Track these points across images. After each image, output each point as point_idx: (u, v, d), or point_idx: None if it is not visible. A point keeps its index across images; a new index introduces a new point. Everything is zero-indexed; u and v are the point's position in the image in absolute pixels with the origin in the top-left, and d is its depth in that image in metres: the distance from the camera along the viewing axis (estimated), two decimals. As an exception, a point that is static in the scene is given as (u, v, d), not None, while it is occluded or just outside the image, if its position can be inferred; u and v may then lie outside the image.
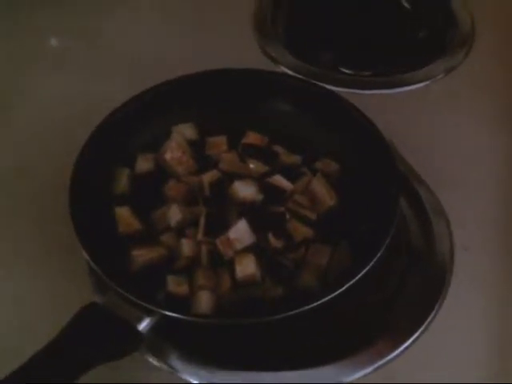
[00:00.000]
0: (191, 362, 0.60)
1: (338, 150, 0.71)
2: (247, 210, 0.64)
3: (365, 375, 0.61)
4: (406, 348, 0.62)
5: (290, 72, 0.88)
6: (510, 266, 0.67)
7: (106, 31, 0.96)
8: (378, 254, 0.59)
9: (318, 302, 0.57)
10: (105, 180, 0.68)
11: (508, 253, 0.68)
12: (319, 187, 0.67)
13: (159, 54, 0.90)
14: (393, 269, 0.67)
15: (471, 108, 0.83)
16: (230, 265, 0.61)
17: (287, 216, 0.64)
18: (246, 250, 0.62)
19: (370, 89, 0.87)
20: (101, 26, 0.96)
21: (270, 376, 0.61)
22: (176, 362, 0.60)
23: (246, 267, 0.60)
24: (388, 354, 0.62)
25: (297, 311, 0.56)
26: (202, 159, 0.71)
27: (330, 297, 0.57)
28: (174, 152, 0.70)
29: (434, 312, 0.64)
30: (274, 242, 0.62)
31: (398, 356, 0.62)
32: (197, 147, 0.72)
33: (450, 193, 0.73)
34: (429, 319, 0.64)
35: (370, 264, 0.58)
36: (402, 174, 0.73)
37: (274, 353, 0.62)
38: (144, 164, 0.70)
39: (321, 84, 0.79)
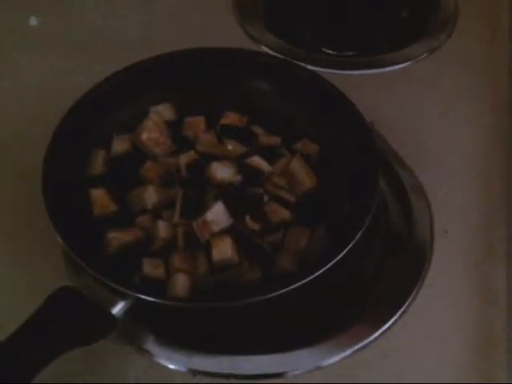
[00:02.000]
0: (167, 346, 0.60)
1: (318, 131, 0.70)
2: (224, 191, 0.63)
3: (342, 358, 0.60)
4: (385, 331, 0.62)
5: (271, 52, 0.86)
6: (489, 249, 0.67)
7: (84, 9, 0.94)
8: (357, 237, 0.58)
9: (295, 285, 0.56)
10: (80, 161, 0.67)
11: (487, 236, 0.68)
12: (298, 169, 0.66)
13: (139, 33, 0.89)
14: (372, 251, 0.66)
15: (454, 89, 0.82)
16: (207, 247, 0.60)
17: (265, 198, 0.63)
18: (223, 232, 0.61)
19: (353, 69, 0.86)
20: (78, 4, 0.94)
21: (247, 360, 0.60)
22: (151, 347, 0.60)
23: (223, 250, 0.59)
24: (366, 337, 0.61)
25: (273, 294, 0.55)
26: (180, 140, 0.70)
27: (307, 279, 0.56)
28: (151, 132, 0.68)
29: (412, 295, 0.64)
30: (252, 224, 0.61)
31: (376, 339, 0.61)
32: (175, 127, 0.71)
33: (431, 175, 0.72)
34: (407, 302, 0.63)
35: (349, 246, 0.57)
36: (383, 155, 0.72)
37: (252, 336, 0.61)
38: (120, 145, 0.69)
39: (302, 64, 0.78)
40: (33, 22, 0.94)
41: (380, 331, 0.62)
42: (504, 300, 0.63)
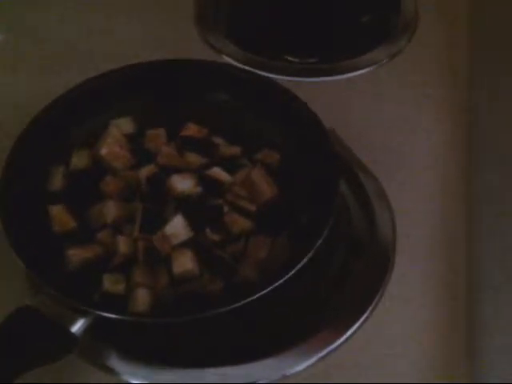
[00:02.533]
0: (130, 361, 0.59)
1: (279, 140, 0.70)
2: (184, 204, 0.63)
3: (308, 366, 0.60)
4: (350, 337, 0.62)
5: (233, 62, 0.86)
6: (450, 252, 0.67)
7: (45, 25, 0.93)
8: (317, 244, 0.58)
9: (257, 295, 0.56)
10: (39, 177, 0.67)
11: (449, 239, 0.68)
12: (259, 178, 0.66)
13: (99, 47, 0.88)
14: (334, 257, 0.66)
15: (414, 93, 0.83)
16: (167, 261, 0.60)
17: (225, 208, 0.63)
18: (183, 245, 0.60)
19: (315, 76, 0.86)
20: (39, 20, 0.94)
21: (213, 372, 0.60)
22: (115, 363, 0.59)
23: (183, 263, 0.59)
24: (331, 343, 0.61)
25: (236, 305, 0.55)
26: (141, 153, 0.69)
27: (268, 289, 0.56)
28: (111, 147, 0.68)
29: (376, 299, 0.64)
30: (212, 235, 0.61)
31: (341, 345, 0.61)
32: (136, 141, 0.71)
33: (393, 180, 0.72)
34: (371, 307, 0.63)
35: (309, 255, 0.57)
36: (344, 162, 0.72)
37: (216, 348, 0.61)
38: (80, 160, 0.69)
39: (264, 73, 0.79)
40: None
41: (345, 336, 0.62)
42: (464, 300, 0.63)
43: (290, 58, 0.90)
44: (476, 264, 0.65)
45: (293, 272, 0.57)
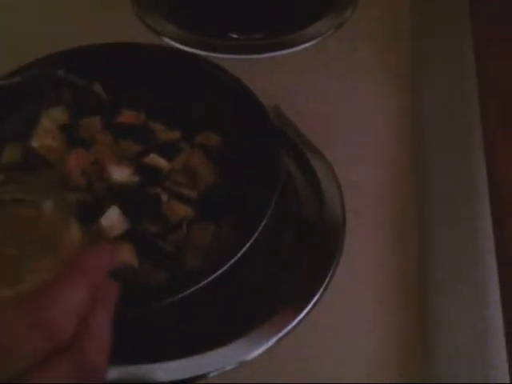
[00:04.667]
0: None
1: (218, 122, 0.67)
2: (120, 194, 0.60)
3: (263, 352, 0.58)
4: (302, 320, 0.60)
5: (173, 43, 0.84)
6: (401, 228, 0.65)
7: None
8: (261, 225, 0.56)
9: (202, 283, 0.53)
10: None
11: (399, 215, 0.66)
12: (198, 163, 0.63)
13: (32, 33, 0.85)
14: (283, 237, 0.64)
15: (361, 65, 0.81)
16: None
17: (164, 197, 0.60)
18: (121, 237, 0.58)
19: (259, 53, 0.84)
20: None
21: (165, 366, 0.57)
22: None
23: (122, 255, 0.57)
24: (283, 327, 0.59)
25: (180, 295, 0.53)
26: (76, 143, 0.66)
27: (213, 276, 0.54)
28: (43, 138, 0.65)
29: (327, 280, 0.62)
30: (150, 225, 0.59)
31: (293, 328, 0.59)
32: (70, 131, 0.68)
33: (341, 155, 0.70)
34: (323, 286, 0.61)
35: (253, 237, 0.55)
36: (290, 139, 0.70)
37: (167, 341, 0.59)
38: (12, 154, 0.65)
39: (206, 53, 0.77)
40: None
41: (297, 319, 0.60)
42: (416, 278, 0.62)
43: (233, 36, 0.87)
44: (427, 237, 0.64)
45: (238, 257, 0.54)
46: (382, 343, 0.58)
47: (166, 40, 0.84)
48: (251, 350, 0.58)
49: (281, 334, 0.59)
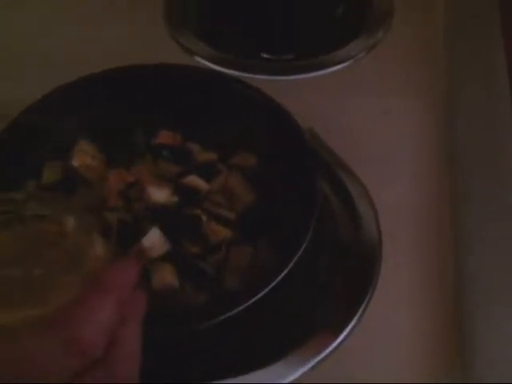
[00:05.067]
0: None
1: (254, 142, 0.68)
2: (160, 215, 0.61)
3: (301, 374, 0.58)
4: (339, 344, 0.60)
5: (205, 62, 0.84)
6: (437, 250, 0.65)
7: (13, 31, 0.90)
8: (301, 249, 0.56)
9: (243, 306, 0.54)
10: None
11: (435, 237, 0.66)
12: (236, 184, 0.64)
13: (67, 53, 0.86)
14: (320, 260, 0.65)
15: (393, 87, 0.81)
16: (146, 275, 0.58)
17: (203, 218, 0.61)
18: (162, 258, 0.58)
19: (291, 74, 0.84)
20: (6, 26, 0.91)
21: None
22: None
23: (163, 276, 0.57)
24: (322, 350, 0.60)
25: (220, 317, 0.53)
26: (114, 163, 0.67)
27: (254, 299, 0.54)
28: (83, 158, 0.66)
29: (365, 303, 0.62)
30: (191, 247, 0.59)
31: (331, 353, 0.59)
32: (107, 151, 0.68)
33: (375, 178, 0.70)
34: (361, 310, 0.62)
35: (293, 260, 0.55)
36: (325, 161, 0.70)
37: (204, 363, 0.59)
38: (51, 173, 0.66)
39: (237, 73, 0.77)
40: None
41: (335, 344, 0.60)
42: (453, 299, 0.62)
43: (264, 56, 0.88)
44: (464, 261, 0.64)
45: (277, 280, 0.54)
46: (422, 368, 0.58)
47: (199, 59, 0.85)
48: (288, 374, 0.59)
49: (318, 358, 0.59)
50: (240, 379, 0.58)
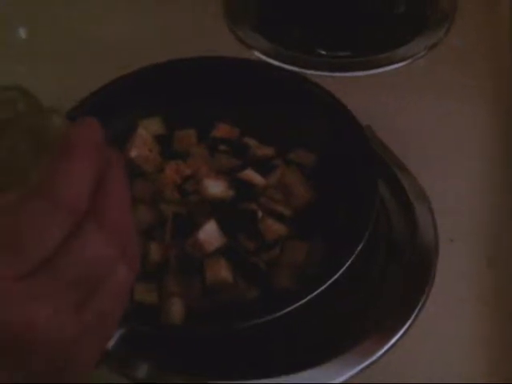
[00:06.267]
0: (163, 374, 0.57)
1: (312, 139, 0.67)
2: (217, 208, 0.60)
3: (352, 376, 0.57)
4: (392, 346, 0.59)
5: (263, 57, 0.84)
6: (495, 256, 0.64)
7: (72, 20, 0.91)
8: (358, 249, 0.55)
9: (296, 304, 0.53)
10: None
11: (493, 242, 0.65)
12: (293, 180, 0.63)
13: (127, 43, 0.86)
14: (375, 262, 0.63)
15: (454, 87, 0.79)
16: (200, 269, 0.58)
17: (259, 213, 0.60)
18: (217, 251, 0.58)
19: (348, 71, 0.83)
20: (65, 14, 0.92)
21: (250, 385, 0.57)
22: (146, 376, 0.57)
23: (217, 271, 0.57)
24: (374, 353, 0.58)
25: (275, 315, 0.53)
26: (171, 155, 0.67)
27: (307, 298, 0.53)
28: (140, 149, 0.66)
29: (419, 306, 0.61)
30: (246, 242, 0.59)
31: (384, 354, 0.58)
32: (164, 142, 0.68)
33: (433, 179, 0.69)
34: (414, 314, 0.60)
35: (350, 260, 0.55)
36: (382, 160, 0.69)
37: (251, 360, 0.58)
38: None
39: (295, 68, 0.76)
40: (20, 34, 0.92)
41: (388, 346, 0.59)
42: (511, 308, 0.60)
43: (321, 52, 0.87)
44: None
45: (333, 279, 0.54)
46: (474, 373, 0.57)
47: (257, 54, 0.85)
48: (339, 375, 0.57)
49: (370, 360, 0.58)
50: (290, 378, 0.57)
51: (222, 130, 0.68)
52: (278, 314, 0.52)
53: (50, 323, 0.30)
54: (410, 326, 0.60)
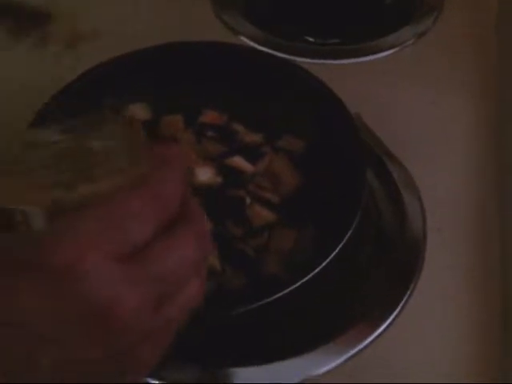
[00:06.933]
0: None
1: (301, 126, 0.67)
2: (204, 195, 0.60)
3: (338, 365, 0.57)
4: (378, 336, 0.58)
5: (250, 43, 0.83)
6: (483, 245, 0.64)
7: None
8: (346, 236, 0.55)
9: (284, 291, 0.52)
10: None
11: (481, 232, 0.65)
12: (282, 167, 0.63)
13: (113, 29, 0.85)
14: (362, 250, 0.63)
15: (442, 75, 0.79)
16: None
17: (247, 200, 0.60)
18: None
19: (337, 58, 0.83)
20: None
21: (236, 373, 0.57)
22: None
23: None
24: (360, 342, 0.58)
25: (262, 302, 0.52)
26: (157, 140, 0.66)
27: (296, 285, 0.53)
28: (127, 134, 0.65)
29: (406, 295, 0.60)
30: (233, 228, 0.58)
31: (370, 344, 0.58)
32: (151, 128, 0.67)
33: (422, 168, 0.69)
34: (401, 303, 0.60)
35: (339, 246, 0.54)
36: (370, 148, 0.69)
37: (238, 348, 0.58)
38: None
39: (283, 55, 0.75)
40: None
41: (374, 336, 0.58)
42: (499, 298, 0.60)
43: (309, 39, 0.86)
44: (511, 256, 0.62)
45: (321, 266, 0.53)
46: (462, 361, 0.57)
47: (244, 39, 0.84)
48: (325, 363, 0.57)
49: (356, 349, 0.58)
50: (276, 366, 0.57)
51: (210, 116, 0.67)
52: (266, 301, 0.52)
53: (134, 310, 0.30)
54: (397, 315, 0.59)
